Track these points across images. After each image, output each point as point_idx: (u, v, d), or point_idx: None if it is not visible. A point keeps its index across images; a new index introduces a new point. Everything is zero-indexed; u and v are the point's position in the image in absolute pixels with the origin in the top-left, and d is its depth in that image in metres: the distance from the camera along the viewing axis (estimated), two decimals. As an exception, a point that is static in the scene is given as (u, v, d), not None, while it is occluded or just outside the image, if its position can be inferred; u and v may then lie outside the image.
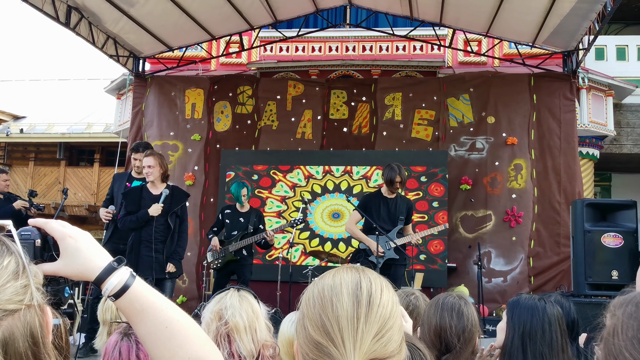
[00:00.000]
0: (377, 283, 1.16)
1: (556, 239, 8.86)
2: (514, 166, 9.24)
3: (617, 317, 0.99)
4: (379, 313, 1.11)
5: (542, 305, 2.36)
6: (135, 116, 10.21)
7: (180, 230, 6.01)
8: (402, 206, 6.55)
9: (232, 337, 2.18)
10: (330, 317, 1.10)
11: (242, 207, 7.21)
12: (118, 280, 1.12)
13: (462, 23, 9.14)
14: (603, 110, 10.23)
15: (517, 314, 2.37)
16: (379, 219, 6.40)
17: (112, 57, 9.41)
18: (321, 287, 1.16)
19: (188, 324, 1.14)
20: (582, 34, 8.30)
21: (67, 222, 1.17)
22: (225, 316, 2.19)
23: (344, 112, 9.91)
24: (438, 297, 2.41)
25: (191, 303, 9.04)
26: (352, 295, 1.12)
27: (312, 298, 1.15)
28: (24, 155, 16.17)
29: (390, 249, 6.32)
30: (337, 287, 1.14)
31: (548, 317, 2.32)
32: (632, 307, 0.99)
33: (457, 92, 9.63)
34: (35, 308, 0.95)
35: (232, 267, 7.06)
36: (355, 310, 1.10)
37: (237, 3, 8.65)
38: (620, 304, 1.02)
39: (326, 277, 1.19)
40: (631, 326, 0.95)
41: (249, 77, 10.41)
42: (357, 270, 1.19)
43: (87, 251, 1.13)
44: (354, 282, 1.15)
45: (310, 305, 1.15)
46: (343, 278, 1.16)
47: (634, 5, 12.06)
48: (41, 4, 7.52)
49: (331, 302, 1.12)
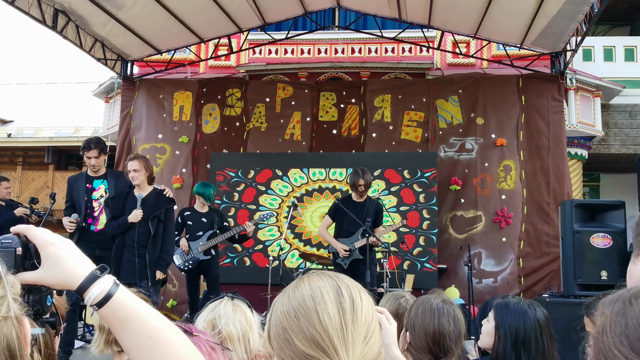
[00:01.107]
0: (355, 287, 1.15)
1: (546, 240, 8.89)
2: (503, 167, 9.27)
3: (606, 316, 0.99)
4: (364, 317, 1.11)
5: (532, 312, 2.37)
6: (123, 120, 10.16)
7: (165, 235, 5.88)
8: (370, 209, 6.76)
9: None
10: (318, 328, 1.08)
11: (202, 208, 7.20)
12: (101, 289, 1.10)
13: (450, 25, 9.16)
14: (591, 110, 10.30)
15: (507, 320, 2.37)
16: (348, 222, 6.70)
17: (99, 61, 9.36)
18: (300, 298, 1.13)
19: (173, 332, 1.12)
20: (570, 35, 8.35)
21: (49, 230, 1.14)
22: (219, 325, 2.18)
23: (334, 114, 9.91)
24: (428, 302, 2.39)
25: (181, 307, 9.00)
26: (335, 303, 1.10)
27: (294, 311, 1.12)
28: (11, 159, 16.05)
29: (355, 250, 6.60)
30: (318, 296, 1.11)
31: (539, 324, 2.32)
32: (619, 304, 0.99)
33: (446, 94, 9.65)
34: (12, 320, 0.92)
35: (202, 267, 7.06)
36: (342, 317, 1.09)
37: (225, 6, 8.62)
38: (609, 302, 1.01)
39: (301, 286, 1.16)
40: (619, 323, 0.95)
41: (238, 79, 10.39)
42: (330, 277, 1.17)
43: (68, 259, 1.10)
44: (333, 289, 1.13)
45: (292, 319, 1.11)
46: (321, 286, 1.14)
47: (621, 7, 12.15)
48: (27, 8, 7.46)
49: (316, 313, 1.09)
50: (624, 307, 0.96)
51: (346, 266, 6.62)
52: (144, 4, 8.11)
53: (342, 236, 6.77)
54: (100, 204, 5.99)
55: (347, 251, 6.59)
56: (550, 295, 6.02)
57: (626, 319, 0.94)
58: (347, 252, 6.58)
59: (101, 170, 6.10)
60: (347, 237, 6.72)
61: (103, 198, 6.00)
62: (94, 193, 5.99)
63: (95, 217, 5.98)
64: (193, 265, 6.99)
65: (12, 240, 1.09)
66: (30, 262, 1.10)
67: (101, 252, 5.77)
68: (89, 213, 5.95)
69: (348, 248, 6.60)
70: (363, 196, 6.82)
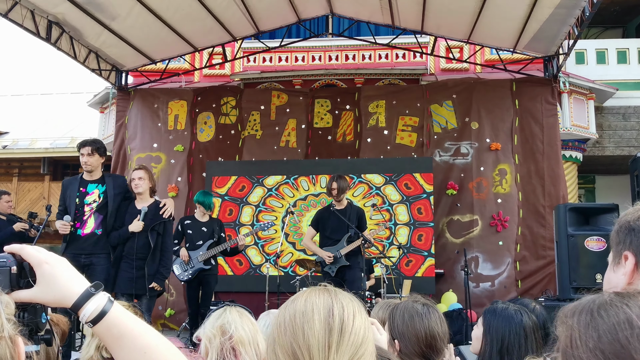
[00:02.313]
0: (350, 308, 1.15)
1: (542, 243, 8.91)
2: (498, 171, 9.29)
3: (573, 328, 0.98)
4: (351, 340, 1.10)
5: (518, 318, 2.38)
6: (118, 129, 10.17)
7: (163, 248, 5.85)
8: (352, 215, 6.79)
9: (238, 351, 2.20)
10: (301, 345, 1.09)
11: (202, 217, 7.18)
12: (95, 306, 1.11)
13: (443, 30, 9.21)
14: (585, 113, 10.33)
15: (494, 325, 2.38)
16: (330, 229, 6.78)
17: (94, 71, 9.37)
18: (292, 312, 1.15)
19: (167, 348, 1.13)
20: (562, 38, 8.39)
21: (46, 241, 1.16)
22: (230, 330, 2.21)
23: (328, 121, 9.93)
24: (412, 307, 2.40)
25: (179, 316, 8.98)
26: (323, 322, 1.11)
27: (284, 324, 1.14)
28: (7, 171, 16.02)
29: (341, 257, 6.63)
30: (308, 314, 1.12)
31: (525, 330, 2.33)
32: (587, 316, 0.97)
33: (440, 99, 9.69)
34: (6, 339, 0.94)
35: (201, 277, 7.01)
36: (326, 338, 1.09)
37: (219, 15, 8.65)
38: (572, 312, 1.00)
39: (298, 300, 1.18)
40: (591, 337, 0.94)
41: (233, 88, 10.41)
42: (329, 294, 1.17)
43: (63, 277, 1.12)
44: (326, 308, 1.13)
45: (281, 331, 1.13)
46: (315, 303, 1.14)
47: (613, 10, 12.22)
48: (21, 20, 7.48)
49: (302, 330, 1.10)
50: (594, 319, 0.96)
51: (334, 273, 6.66)
52: (137, 14, 8.13)
53: (327, 244, 6.81)
54: (92, 208, 5.89)
55: (330, 257, 6.63)
56: (546, 298, 6.04)
57: (598, 332, 0.93)
58: (330, 257, 6.63)
59: (96, 173, 5.96)
60: (332, 244, 6.76)
61: (96, 203, 5.90)
62: (86, 197, 5.86)
63: (83, 220, 5.86)
64: (193, 275, 6.96)
65: (7, 259, 1.10)
66: (25, 281, 1.11)
67: (86, 260, 5.68)
68: (78, 217, 5.80)
69: (332, 254, 6.63)
70: (341, 201, 6.82)
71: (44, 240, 5.37)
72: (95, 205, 5.84)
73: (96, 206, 5.83)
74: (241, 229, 9.28)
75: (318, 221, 6.97)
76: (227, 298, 8.46)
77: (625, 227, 1.34)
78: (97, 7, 7.84)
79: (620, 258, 1.33)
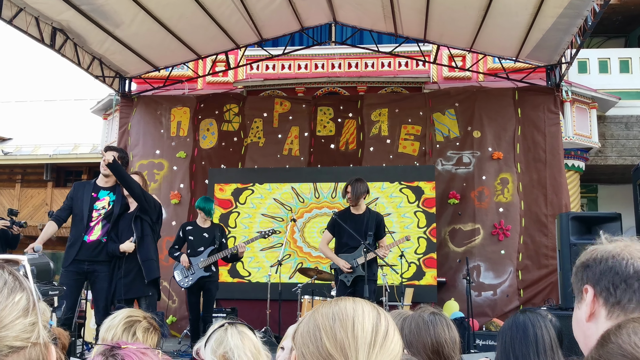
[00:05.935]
0: (392, 324, 1.20)
1: (544, 252, 8.90)
2: (500, 180, 9.29)
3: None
4: (392, 348, 1.16)
5: (532, 330, 2.38)
6: (121, 136, 10.20)
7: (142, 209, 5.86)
8: (370, 222, 6.47)
9: None
10: (349, 334, 1.13)
11: (204, 223, 7.18)
12: None
13: (446, 39, 9.23)
14: (587, 122, 10.34)
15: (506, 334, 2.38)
16: (347, 236, 6.37)
17: (97, 78, 9.41)
18: (343, 306, 1.18)
19: None
20: (565, 47, 8.41)
21: None
22: (233, 358, 2.22)
23: (331, 129, 9.95)
24: (419, 317, 2.39)
25: (181, 323, 8.98)
26: (373, 322, 1.16)
27: (332, 314, 1.17)
28: (10, 177, 16.04)
29: (358, 266, 6.28)
30: (359, 311, 1.17)
31: (544, 347, 2.34)
32: None
33: (442, 107, 9.70)
34: (41, 346, 0.95)
35: (202, 284, 6.99)
36: (373, 336, 1.14)
37: (222, 22, 8.69)
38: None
39: (345, 300, 1.21)
40: None
41: (236, 95, 10.44)
42: (374, 306, 1.23)
43: None
44: (374, 313, 1.18)
45: (329, 319, 1.16)
46: (364, 307, 1.19)
47: (615, 19, 12.24)
48: (26, 27, 7.52)
49: (353, 322, 1.14)
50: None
51: (349, 283, 6.33)
52: (141, 21, 8.17)
53: (342, 251, 6.46)
54: (100, 214, 5.90)
55: (350, 269, 6.29)
56: (549, 308, 6.03)
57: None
58: (349, 269, 6.28)
59: (111, 181, 5.99)
60: (349, 252, 6.41)
61: (105, 210, 5.92)
62: (96, 203, 5.87)
63: (90, 227, 5.86)
64: (193, 281, 6.96)
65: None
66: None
67: (89, 267, 5.68)
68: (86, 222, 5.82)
69: (350, 265, 6.29)
70: (357, 207, 6.52)
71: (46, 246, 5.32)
72: (104, 212, 5.86)
73: (104, 213, 5.85)
74: (242, 235, 9.28)
75: (334, 226, 6.58)
76: (229, 305, 8.46)
77: (581, 267, 1.41)
78: (102, 14, 7.88)
79: (582, 294, 1.38)
